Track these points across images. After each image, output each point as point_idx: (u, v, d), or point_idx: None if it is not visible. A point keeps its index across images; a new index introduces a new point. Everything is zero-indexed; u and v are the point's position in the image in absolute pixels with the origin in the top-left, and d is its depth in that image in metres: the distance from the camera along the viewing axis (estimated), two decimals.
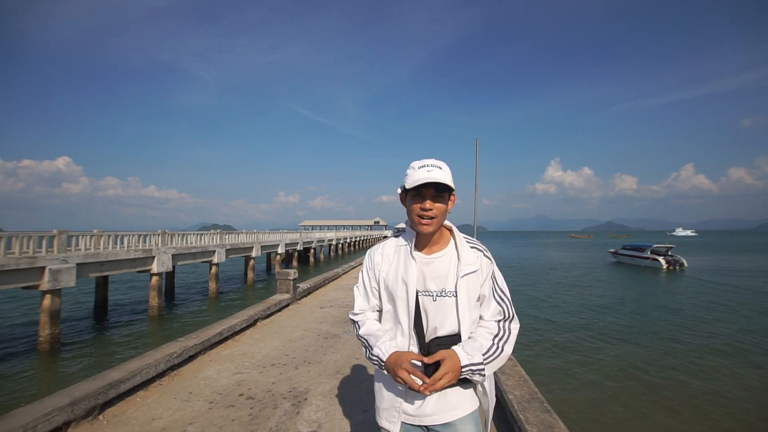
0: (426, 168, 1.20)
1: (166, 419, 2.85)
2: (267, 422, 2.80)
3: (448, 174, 1.21)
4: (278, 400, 3.17)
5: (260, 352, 4.45)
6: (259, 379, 3.63)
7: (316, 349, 4.55)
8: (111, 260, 14.29)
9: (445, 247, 1.31)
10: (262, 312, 5.85)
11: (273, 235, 30.82)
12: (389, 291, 1.30)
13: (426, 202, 1.20)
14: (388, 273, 1.31)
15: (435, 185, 1.18)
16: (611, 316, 13.85)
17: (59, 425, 2.55)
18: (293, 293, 7.17)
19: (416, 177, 1.19)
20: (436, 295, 1.24)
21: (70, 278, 12.39)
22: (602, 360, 8.86)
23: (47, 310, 11.82)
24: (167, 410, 3.00)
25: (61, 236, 12.67)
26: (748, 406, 6.39)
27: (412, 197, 1.23)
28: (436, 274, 1.26)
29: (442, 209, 1.22)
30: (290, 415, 2.92)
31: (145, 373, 3.33)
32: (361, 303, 1.38)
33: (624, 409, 6.28)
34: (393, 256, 1.33)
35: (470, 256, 1.28)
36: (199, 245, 20.04)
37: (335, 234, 52.26)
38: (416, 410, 1.24)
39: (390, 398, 1.28)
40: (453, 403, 1.24)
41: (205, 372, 3.81)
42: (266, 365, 4.01)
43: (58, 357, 11.22)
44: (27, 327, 14.11)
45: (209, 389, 3.39)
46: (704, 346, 9.90)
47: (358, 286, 1.41)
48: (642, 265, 30.96)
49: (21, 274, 11.23)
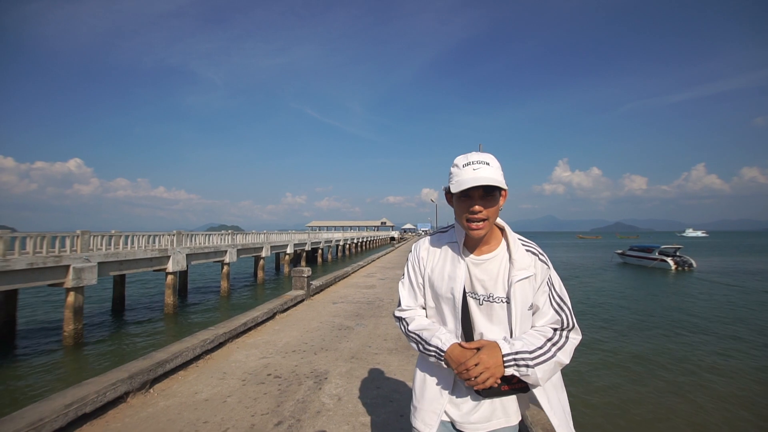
0: (472, 166, 1.10)
1: (207, 393, 3.30)
2: (294, 395, 3.24)
3: (497, 170, 1.11)
4: (302, 379, 3.61)
5: (281, 340, 4.91)
6: (283, 362, 4.08)
7: (332, 339, 4.99)
8: (129, 259, 14.91)
9: (497, 247, 1.21)
10: (279, 306, 6.31)
11: (282, 235, 31.44)
12: (434, 289, 1.24)
13: (475, 205, 1.09)
14: (434, 270, 1.24)
15: (484, 186, 1.07)
16: (618, 315, 14.08)
17: (121, 394, 3.02)
18: (307, 289, 7.64)
19: (463, 177, 1.09)
20: (483, 300, 1.17)
21: (92, 276, 13.01)
22: (611, 359, 9.14)
23: (71, 306, 12.42)
24: (207, 386, 3.45)
25: (83, 236, 13.31)
26: (748, 408, 6.45)
27: (459, 199, 1.13)
28: (485, 276, 1.18)
29: (494, 210, 1.11)
30: (314, 390, 3.36)
31: (184, 356, 3.80)
32: (407, 300, 1.30)
33: (642, 410, 6.35)
34: (440, 253, 1.26)
35: (525, 260, 1.17)
36: (212, 245, 20.65)
37: (342, 235, 52.84)
38: (460, 415, 1.18)
39: (431, 399, 1.20)
40: (495, 413, 1.17)
41: (235, 356, 4.27)
42: (288, 351, 4.46)
43: (82, 351, 11.80)
44: (48, 323, 14.77)
45: (240, 370, 3.84)
46: (709, 346, 10.06)
47: (403, 281, 1.33)
48: (650, 266, 30.88)
49: (48, 272, 11.86)
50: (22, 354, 11.11)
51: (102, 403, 2.83)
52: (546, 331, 1.15)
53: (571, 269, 30.87)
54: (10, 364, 10.21)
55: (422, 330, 1.20)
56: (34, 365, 10.07)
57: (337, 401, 3.13)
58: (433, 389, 1.21)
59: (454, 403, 1.19)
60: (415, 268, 1.29)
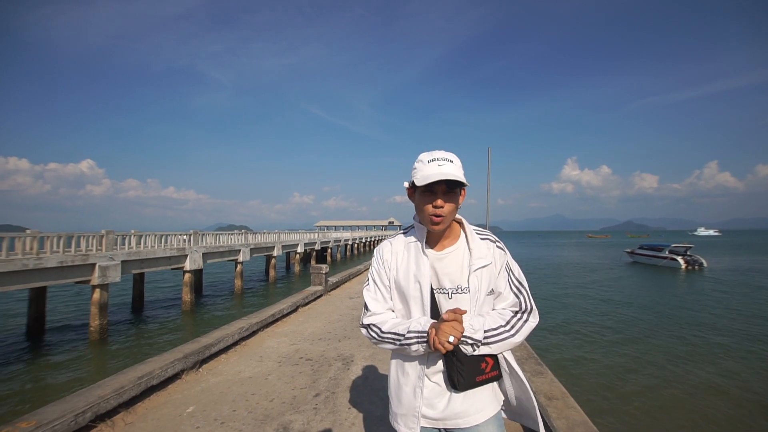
0: (437, 162, 1.13)
1: (249, 372, 3.75)
2: (326, 374, 3.67)
3: (459, 168, 1.15)
4: (331, 361, 4.04)
5: (307, 330, 5.35)
6: (311, 348, 4.52)
7: (353, 328, 5.42)
8: (150, 258, 15.53)
9: (456, 241, 1.25)
10: (301, 300, 6.77)
11: (292, 235, 32.05)
12: (401, 290, 1.24)
13: (438, 200, 1.13)
14: (399, 271, 1.25)
15: (447, 181, 1.12)
16: (626, 313, 14.30)
17: (178, 371, 3.48)
18: (325, 285, 8.09)
19: (426, 172, 1.13)
20: (452, 293, 1.20)
21: (116, 274, 13.62)
22: (616, 358, 9.43)
23: (97, 303, 13.03)
24: (247, 366, 3.90)
25: (108, 236, 13.94)
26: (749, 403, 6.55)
27: (421, 193, 1.16)
28: (449, 270, 1.21)
29: (454, 206, 1.16)
30: (342, 370, 3.78)
31: (225, 341, 4.26)
32: (374, 305, 1.27)
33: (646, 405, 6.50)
34: (403, 253, 1.26)
35: (482, 249, 1.22)
36: (226, 245, 21.26)
37: (351, 234, 53.41)
38: (437, 413, 1.19)
39: (409, 402, 1.21)
40: (477, 406, 1.19)
41: (267, 343, 4.72)
42: (315, 339, 4.90)
43: (107, 345, 12.39)
44: (73, 319, 15.45)
45: (275, 354, 4.29)
46: (716, 344, 10.23)
47: (368, 287, 1.31)
48: (660, 265, 30.79)
49: (75, 270, 12.49)
50: (53, 348, 11.73)
51: (164, 378, 3.29)
52: (505, 313, 1.21)
53: (579, 269, 30.93)
54: (43, 357, 10.82)
55: (397, 326, 1.18)
56: (64, 359, 10.66)
57: (365, 379, 3.55)
58: (407, 392, 1.21)
59: (430, 404, 1.20)
60: (380, 272, 1.28)
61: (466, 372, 1.13)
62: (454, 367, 1.13)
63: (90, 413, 2.57)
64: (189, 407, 3.00)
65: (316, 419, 2.80)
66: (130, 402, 2.93)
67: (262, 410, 2.95)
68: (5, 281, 10.36)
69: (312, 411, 2.93)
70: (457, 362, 1.13)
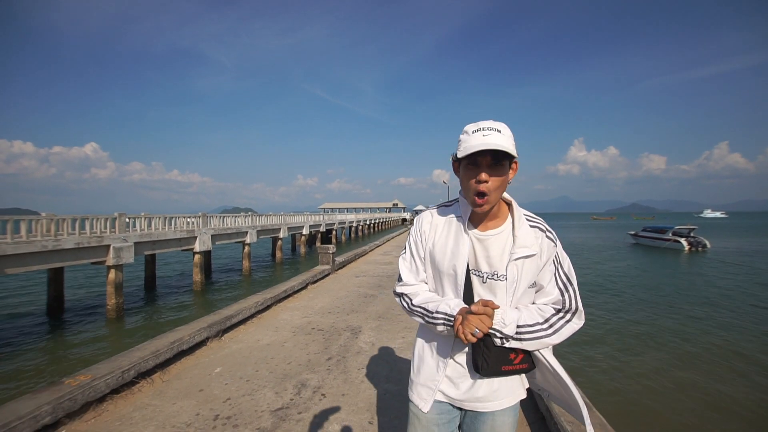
0: (482, 132, 1.04)
1: (267, 340, 4.14)
2: (337, 341, 4.05)
3: (508, 138, 1.04)
4: (340, 331, 4.42)
5: (317, 305, 5.74)
6: (322, 320, 4.90)
7: (360, 303, 5.80)
8: (161, 240, 16.01)
9: (503, 223, 1.16)
10: (310, 278, 7.15)
11: (298, 217, 32.50)
12: (435, 265, 1.19)
13: (482, 173, 1.04)
14: (435, 245, 1.19)
15: (492, 152, 1.02)
16: (624, 293, 14.65)
17: (203, 339, 3.86)
18: (332, 264, 8.47)
19: (471, 143, 1.03)
20: (487, 277, 1.13)
21: (129, 255, 14.13)
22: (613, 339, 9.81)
23: (113, 282, 13.58)
24: (265, 335, 4.29)
25: (121, 218, 14.38)
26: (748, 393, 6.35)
27: (466, 167, 1.08)
28: (489, 253, 1.13)
29: (502, 180, 1.05)
30: (351, 338, 4.16)
31: (244, 313, 4.64)
32: (408, 275, 1.24)
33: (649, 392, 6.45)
34: (443, 228, 1.20)
35: (528, 237, 1.12)
36: (234, 227, 21.72)
37: (355, 216, 53.85)
38: (460, 394, 1.17)
39: (429, 374, 1.19)
40: (500, 393, 1.16)
41: (281, 316, 5.11)
42: (325, 313, 5.29)
43: (124, 323, 12.98)
44: (90, 299, 16.09)
45: (289, 325, 4.68)
46: (711, 324, 10.57)
47: (404, 257, 1.27)
48: (662, 247, 30.98)
49: (91, 251, 12.99)
50: (74, 326, 12.34)
51: (192, 344, 3.67)
52: (545, 309, 1.12)
53: (582, 250, 31.22)
54: (64, 334, 11.42)
55: (428, 302, 1.15)
56: (88, 336, 11.26)
57: (372, 345, 3.92)
58: (430, 364, 1.20)
59: (452, 381, 1.17)
60: (417, 243, 1.24)
61: (492, 359, 1.07)
62: (480, 351, 1.07)
63: (133, 371, 2.95)
64: (216, 368, 3.38)
65: (330, 378, 3.17)
66: (165, 363, 3.32)
67: (281, 370, 3.33)
68: (27, 261, 10.86)
69: (326, 371, 3.31)
70: (484, 347, 1.06)
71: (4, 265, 10.19)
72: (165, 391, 2.97)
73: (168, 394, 2.91)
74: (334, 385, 3.03)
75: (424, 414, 1.18)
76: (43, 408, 2.27)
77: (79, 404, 2.49)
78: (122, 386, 2.85)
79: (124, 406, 2.72)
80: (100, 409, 2.64)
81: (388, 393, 2.89)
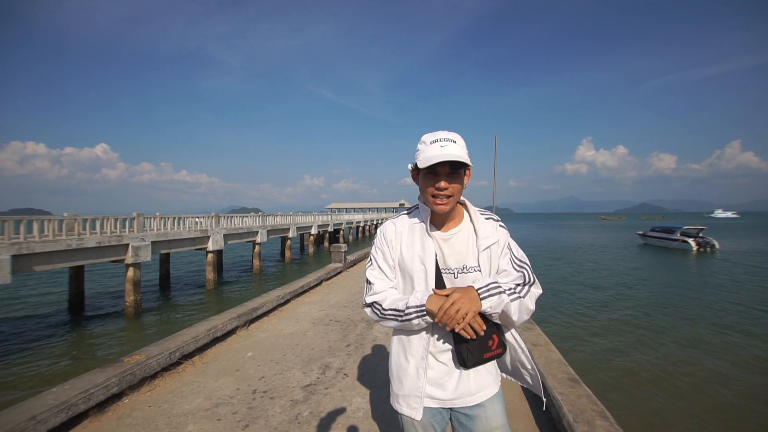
0: (439, 143, 1.11)
1: (289, 330, 4.54)
2: (354, 331, 4.44)
3: (463, 148, 1.13)
4: (356, 323, 4.81)
5: (332, 299, 6.13)
6: (338, 313, 5.29)
7: None
8: (176, 239, 16.56)
9: (461, 222, 1.25)
10: (324, 275, 7.56)
11: (306, 217, 33.04)
12: (406, 270, 1.23)
13: (441, 181, 1.11)
14: (403, 251, 1.24)
15: (450, 162, 1.10)
16: (629, 293, 14.81)
17: (234, 327, 4.27)
18: (344, 263, 8.86)
19: (429, 154, 1.10)
20: (457, 272, 1.20)
21: (147, 254, 14.66)
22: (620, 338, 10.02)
23: (131, 280, 14.11)
24: (287, 326, 4.69)
25: (139, 218, 14.94)
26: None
27: (425, 175, 1.15)
28: (455, 250, 1.21)
29: (458, 188, 1.14)
30: (367, 329, 4.54)
31: (267, 306, 5.06)
32: (379, 284, 1.25)
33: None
34: (407, 234, 1.26)
35: (488, 228, 1.23)
36: (245, 226, 22.26)
37: (363, 216, 54.33)
38: (448, 394, 1.20)
39: (412, 383, 1.20)
40: (482, 383, 1.21)
41: (300, 309, 5.51)
42: (340, 306, 5.68)
43: (142, 319, 13.50)
44: (108, 296, 16.70)
45: (308, 317, 5.07)
46: (716, 324, 10.52)
47: (372, 267, 1.28)
48: (671, 247, 30.86)
49: (111, 249, 13.54)
50: (96, 321, 12.90)
51: (225, 332, 4.08)
52: (510, 284, 1.18)
53: (589, 251, 31.23)
54: (86, 329, 11.95)
55: (397, 302, 1.17)
56: (110, 329, 11.80)
57: (385, 335, 4.30)
58: (409, 373, 1.20)
59: (437, 383, 1.20)
60: (384, 252, 1.27)
61: (475, 348, 1.11)
62: (464, 343, 1.11)
63: (178, 353, 3.36)
64: (248, 353, 3.78)
65: (350, 361, 3.56)
66: (203, 348, 3.73)
67: (306, 355, 3.72)
68: (53, 260, 11.42)
69: (346, 355, 3.70)
70: (468, 338, 1.10)
71: (33, 262, 10.76)
72: (206, 371, 3.37)
73: (209, 373, 3.32)
74: (354, 367, 3.40)
75: (418, 421, 1.21)
76: (112, 380, 2.67)
77: (137, 378, 2.90)
78: (169, 366, 3.26)
79: (172, 383, 3.13)
80: (153, 384, 3.05)
81: None
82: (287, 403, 2.77)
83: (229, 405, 2.74)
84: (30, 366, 8.51)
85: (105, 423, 2.50)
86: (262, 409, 2.67)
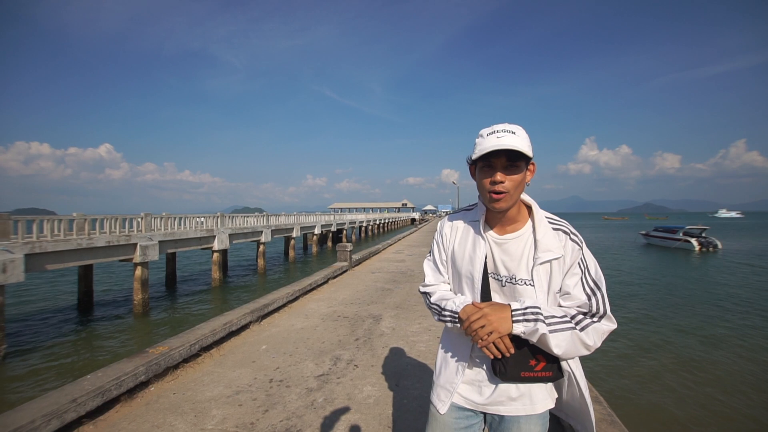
0: (496, 134, 1.05)
1: (300, 325, 4.73)
2: (362, 326, 4.63)
3: (523, 139, 1.05)
4: (363, 318, 5.00)
5: (339, 297, 6.33)
6: (346, 310, 5.48)
7: (378, 296, 6.37)
8: (183, 238, 16.82)
9: (522, 227, 1.15)
10: (331, 273, 7.75)
11: (310, 217, 33.30)
12: (456, 268, 1.22)
13: (497, 174, 1.05)
14: (455, 249, 1.23)
15: (507, 153, 1.03)
16: (629, 292, 14.94)
17: (247, 322, 4.47)
18: (350, 261, 9.06)
19: (484, 145, 1.05)
20: (505, 281, 1.13)
21: (154, 253, 14.91)
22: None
23: (139, 279, 14.36)
24: (297, 321, 4.89)
25: (147, 218, 15.19)
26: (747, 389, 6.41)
27: (481, 169, 1.09)
28: (507, 257, 1.13)
29: (518, 181, 1.06)
30: (374, 324, 4.73)
31: (277, 303, 5.25)
32: (431, 277, 1.30)
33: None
34: (462, 231, 1.23)
35: (551, 241, 1.10)
36: (250, 226, 22.51)
37: (365, 216, 54.58)
38: (477, 397, 1.16)
39: (448, 377, 1.20)
40: (524, 399, 1.13)
41: (308, 306, 5.71)
42: (347, 303, 5.87)
43: (150, 317, 13.74)
44: (115, 294, 16.96)
45: (317, 314, 5.27)
46: (708, 323, 10.82)
47: (429, 258, 1.33)
48: (673, 247, 30.93)
49: (120, 249, 13.80)
50: (105, 319, 13.15)
51: (239, 326, 4.28)
52: (570, 310, 1.08)
53: (592, 250, 31.17)
54: (96, 327, 12.20)
55: (441, 300, 1.19)
56: (119, 327, 12.04)
57: (392, 330, 4.49)
58: (450, 367, 1.21)
59: (475, 386, 1.17)
60: (439, 246, 1.28)
61: (510, 365, 1.06)
62: (497, 361, 1.07)
63: (198, 345, 3.56)
64: (262, 346, 3.98)
65: (359, 353, 3.75)
66: (219, 341, 3.93)
67: (317, 348, 3.91)
68: (64, 258, 11.68)
69: (355, 348, 3.89)
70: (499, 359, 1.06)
71: (45, 261, 11.02)
72: (223, 362, 3.57)
73: (227, 364, 3.52)
74: (363, 359, 3.59)
75: (441, 415, 1.20)
76: (140, 368, 2.88)
77: (162, 368, 3.10)
78: (189, 357, 3.46)
79: (193, 373, 3.33)
80: (176, 374, 3.26)
81: (409, 365, 3.46)
82: (302, 390, 2.96)
83: (248, 392, 2.93)
84: (46, 361, 8.76)
85: (135, 408, 2.71)
86: (280, 396, 2.87)
